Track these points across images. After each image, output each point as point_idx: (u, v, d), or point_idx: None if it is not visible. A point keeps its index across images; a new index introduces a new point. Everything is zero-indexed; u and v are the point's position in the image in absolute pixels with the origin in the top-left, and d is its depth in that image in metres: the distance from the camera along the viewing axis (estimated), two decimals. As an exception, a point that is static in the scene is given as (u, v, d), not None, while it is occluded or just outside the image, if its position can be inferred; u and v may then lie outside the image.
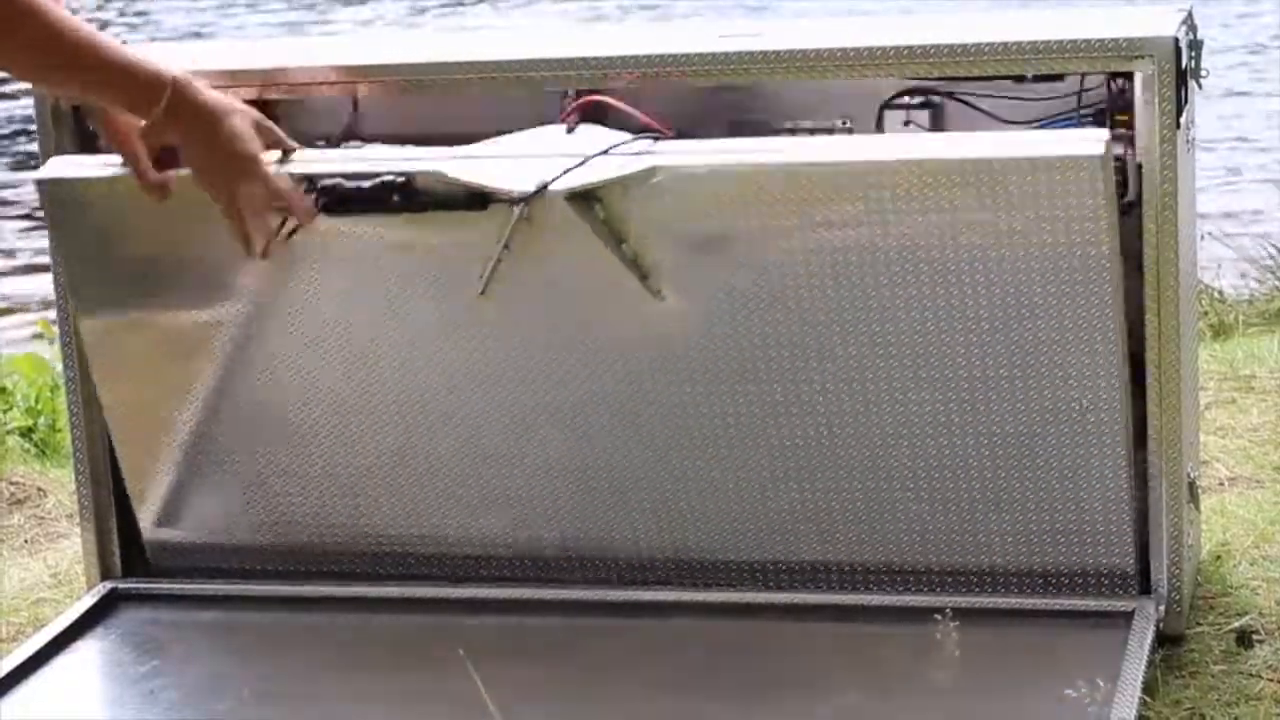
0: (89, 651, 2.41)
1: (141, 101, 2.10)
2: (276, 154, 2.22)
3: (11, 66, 2.12)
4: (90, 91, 2.18)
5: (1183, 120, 2.21)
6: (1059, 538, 2.31)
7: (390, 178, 2.20)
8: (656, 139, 2.18)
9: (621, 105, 2.15)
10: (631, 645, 2.31)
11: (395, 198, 2.19)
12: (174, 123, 2.11)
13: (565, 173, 2.10)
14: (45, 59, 2.08)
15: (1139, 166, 2.22)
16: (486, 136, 2.51)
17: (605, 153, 2.13)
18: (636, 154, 2.16)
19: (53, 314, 2.69)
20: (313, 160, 2.26)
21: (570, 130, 2.15)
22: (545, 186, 2.11)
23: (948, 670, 2.03)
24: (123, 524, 2.55)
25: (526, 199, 2.11)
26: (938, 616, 2.14)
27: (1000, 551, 2.31)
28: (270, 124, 2.21)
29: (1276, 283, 4.40)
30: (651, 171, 2.12)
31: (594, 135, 2.18)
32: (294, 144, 2.24)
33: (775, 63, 2.34)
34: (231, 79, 2.48)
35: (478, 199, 2.18)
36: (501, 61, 2.48)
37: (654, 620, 2.36)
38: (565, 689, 2.19)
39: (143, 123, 2.15)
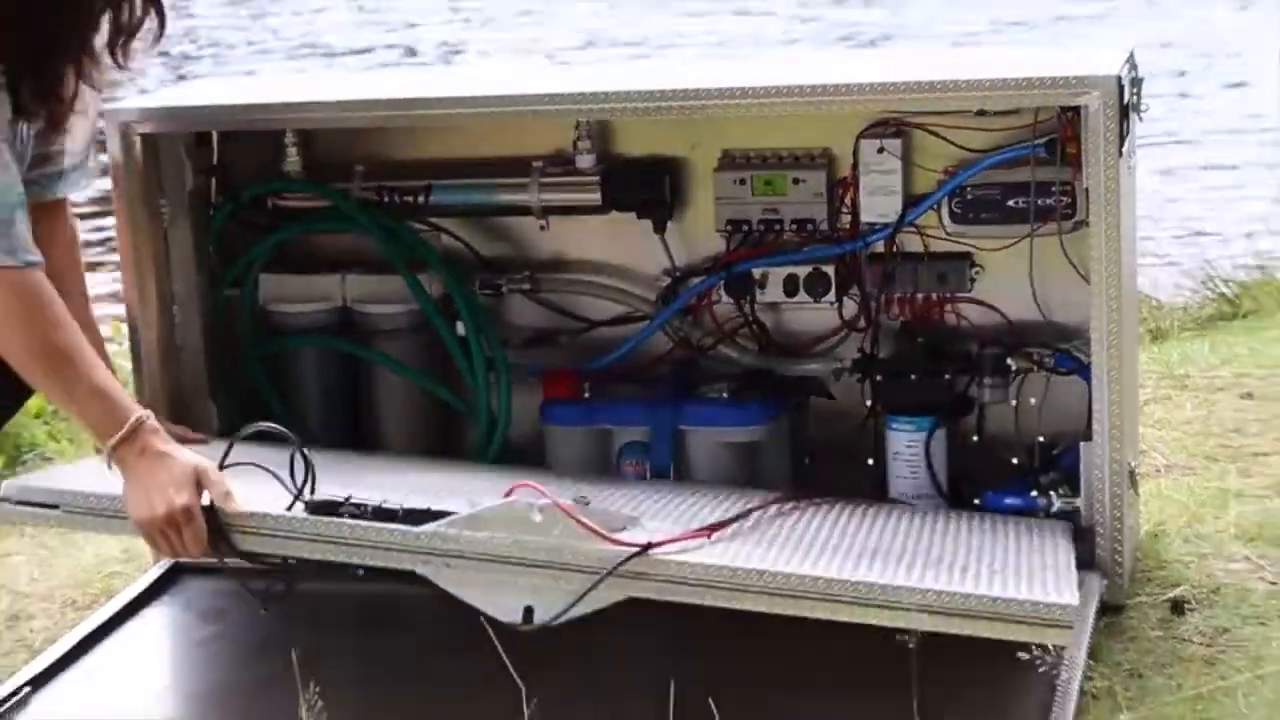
0: (157, 618, 2.42)
1: (100, 431, 1.99)
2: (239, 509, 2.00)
3: (4, 352, 2.01)
4: (61, 402, 2.09)
5: (1124, 149, 2.21)
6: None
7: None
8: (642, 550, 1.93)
9: (572, 512, 1.94)
10: (649, 630, 2.23)
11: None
12: (120, 459, 1.98)
13: (555, 618, 1.93)
14: (34, 360, 1.99)
15: (1086, 190, 2.22)
16: (501, 161, 2.57)
17: (597, 583, 1.92)
18: (622, 578, 1.93)
19: (121, 310, 2.69)
20: (282, 542, 2.04)
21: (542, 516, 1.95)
22: (532, 622, 1.95)
23: (911, 636, 2.03)
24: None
25: (516, 628, 1.96)
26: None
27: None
28: (220, 481, 2.00)
29: (1208, 292, 4.41)
30: (630, 599, 1.94)
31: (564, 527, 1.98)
32: (240, 507, 2.01)
33: (764, 96, 2.33)
34: (282, 110, 2.53)
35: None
36: (522, 95, 2.49)
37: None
38: (587, 661, 2.16)
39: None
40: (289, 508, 2.01)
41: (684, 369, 2.62)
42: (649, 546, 1.93)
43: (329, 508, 2.00)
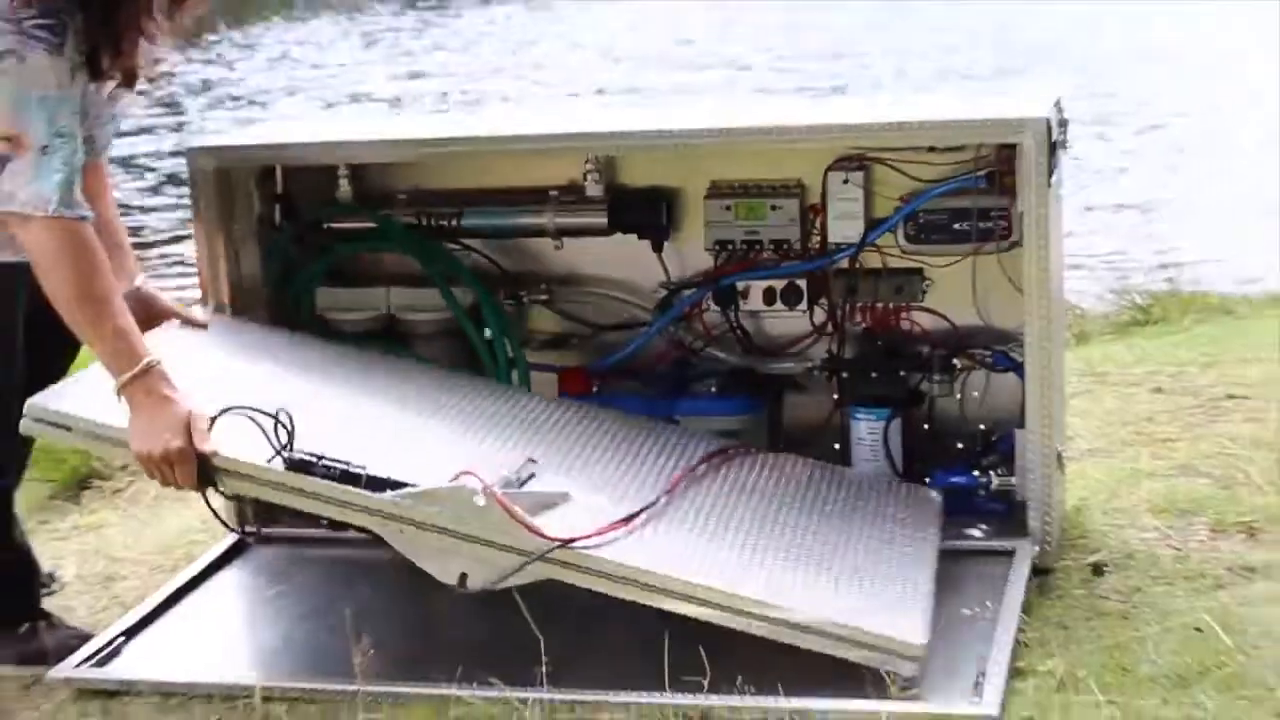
0: (230, 579, 2.43)
1: (117, 367, 1.97)
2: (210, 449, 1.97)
3: (44, 283, 1.99)
4: (89, 337, 2.02)
5: (1053, 180, 2.22)
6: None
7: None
8: (561, 545, 1.94)
9: (505, 503, 1.93)
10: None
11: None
12: (129, 395, 1.97)
13: (486, 587, 1.96)
14: (75, 299, 1.97)
15: (1020, 215, 2.23)
16: (521, 190, 2.56)
17: (521, 566, 1.94)
18: (546, 563, 1.95)
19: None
20: (260, 488, 2.03)
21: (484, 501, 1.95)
22: (466, 587, 1.98)
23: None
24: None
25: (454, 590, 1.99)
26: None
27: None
28: (203, 429, 1.97)
29: (1124, 303, 4.41)
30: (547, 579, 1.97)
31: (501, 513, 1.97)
32: (214, 451, 1.97)
33: (747, 135, 2.37)
34: (336, 148, 2.54)
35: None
36: (540, 135, 2.50)
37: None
38: (595, 617, 2.13)
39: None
40: (269, 460, 2.00)
41: (678, 367, 2.61)
42: (567, 542, 1.95)
43: (303, 465, 1.99)
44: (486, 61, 15.77)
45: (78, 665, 2.12)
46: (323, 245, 2.65)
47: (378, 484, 1.99)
